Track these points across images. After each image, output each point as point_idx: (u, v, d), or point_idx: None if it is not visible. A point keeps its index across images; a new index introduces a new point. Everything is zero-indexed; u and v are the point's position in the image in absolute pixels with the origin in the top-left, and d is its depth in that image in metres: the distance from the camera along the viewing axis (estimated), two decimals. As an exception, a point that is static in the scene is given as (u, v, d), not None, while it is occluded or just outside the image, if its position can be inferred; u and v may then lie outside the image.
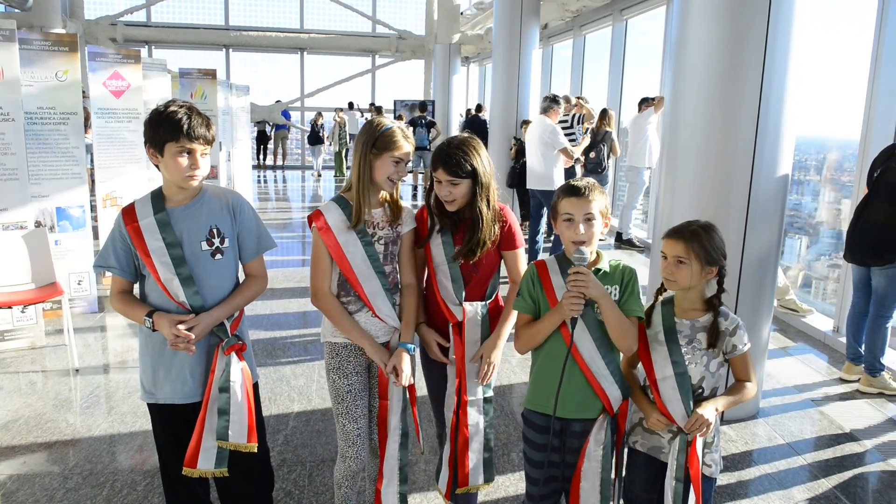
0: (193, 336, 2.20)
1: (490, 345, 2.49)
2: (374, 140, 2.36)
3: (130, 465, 3.38)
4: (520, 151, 8.97)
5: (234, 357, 2.31)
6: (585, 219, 2.15)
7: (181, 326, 2.19)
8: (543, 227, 7.59)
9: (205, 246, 2.28)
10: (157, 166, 2.27)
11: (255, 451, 2.35)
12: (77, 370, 4.55)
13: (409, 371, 2.42)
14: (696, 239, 2.15)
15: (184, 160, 2.20)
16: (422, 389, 2.74)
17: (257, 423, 2.38)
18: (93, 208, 6.63)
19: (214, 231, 2.30)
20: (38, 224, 5.37)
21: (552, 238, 8.74)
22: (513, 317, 2.47)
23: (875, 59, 5.15)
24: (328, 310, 2.44)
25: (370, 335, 2.44)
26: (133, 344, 5.10)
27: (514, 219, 2.53)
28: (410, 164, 15.11)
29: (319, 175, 17.71)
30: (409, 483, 3.21)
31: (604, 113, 8.88)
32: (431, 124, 14.99)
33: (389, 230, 2.47)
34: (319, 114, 18.06)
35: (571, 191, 2.19)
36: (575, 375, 2.19)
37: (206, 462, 2.29)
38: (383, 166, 2.37)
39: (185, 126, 2.17)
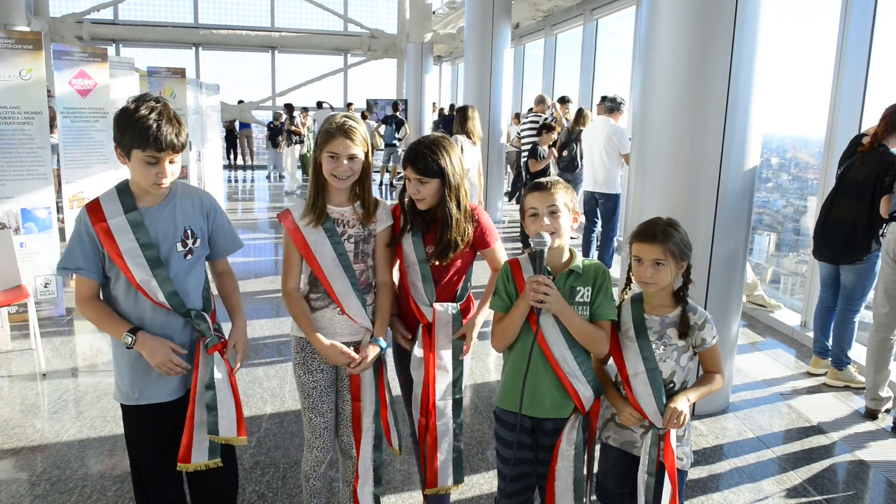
0: (186, 365, 2.21)
1: (469, 324, 2.52)
2: (319, 135, 2.35)
3: (100, 471, 3.33)
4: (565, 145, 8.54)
5: (217, 354, 2.29)
6: (549, 211, 2.16)
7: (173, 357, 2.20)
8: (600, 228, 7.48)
9: (179, 247, 2.24)
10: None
11: (246, 443, 2.38)
12: (44, 374, 4.46)
13: (369, 361, 2.42)
14: (670, 238, 2.17)
15: (151, 169, 2.11)
16: (396, 389, 2.74)
17: None
18: (59, 209, 6.52)
19: (188, 232, 2.26)
20: (2, 226, 5.26)
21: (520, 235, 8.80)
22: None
23: (839, 58, 5.24)
24: (296, 312, 2.44)
25: (329, 344, 2.41)
26: (102, 347, 5.02)
27: (486, 217, 2.53)
28: (380, 161, 15.27)
29: (283, 176, 17.09)
30: (385, 483, 3.22)
31: (580, 112, 8.92)
32: (400, 122, 15.34)
33: (360, 228, 2.44)
34: (278, 115, 17.26)
35: (535, 186, 2.22)
36: (547, 375, 2.21)
37: (199, 455, 2.29)
38: (324, 163, 2.33)
39: (153, 135, 2.06)
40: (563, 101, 9.45)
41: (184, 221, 2.26)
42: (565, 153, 8.68)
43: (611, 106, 7.13)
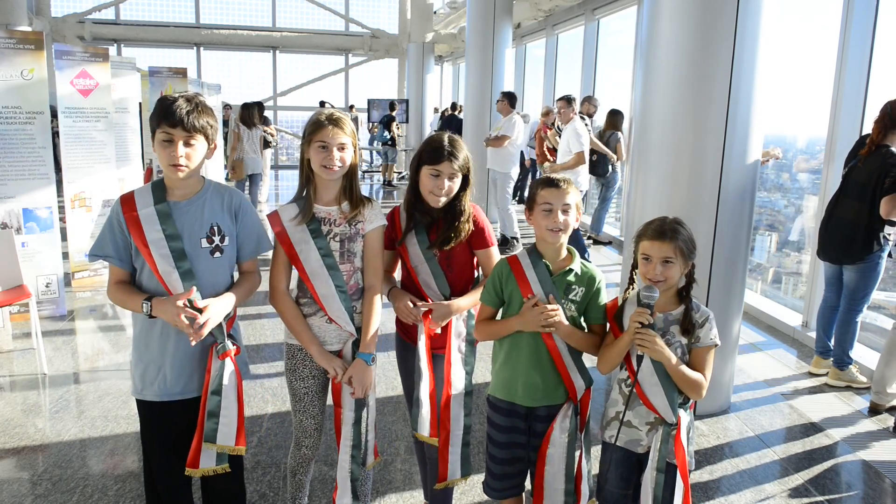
0: (200, 318, 2.13)
1: (447, 307, 2.47)
2: (305, 129, 2.34)
3: (101, 470, 3.33)
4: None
5: (227, 361, 2.28)
6: (563, 209, 2.23)
7: (181, 302, 2.12)
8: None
9: (205, 243, 2.24)
10: None
11: (244, 453, 2.35)
12: (46, 374, 4.47)
13: (366, 384, 2.38)
14: (679, 236, 2.19)
15: (167, 149, 2.12)
16: (396, 389, 2.73)
17: None
18: (60, 209, 6.52)
19: (215, 229, 2.26)
20: (3, 226, 5.27)
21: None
22: (477, 294, 2.50)
23: (841, 56, 5.23)
24: (282, 310, 2.43)
25: (318, 342, 2.41)
26: (103, 347, 5.02)
27: (483, 217, 2.54)
28: (378, 160, 15.21)
29: None
30: (386, 483, 3.22)
31: (613, 113, 8.91)
32: (390, 119, 15.55)
33: (346, 227, 2.40)
34: (228, 107, 13.88)
35: (548, 182, 2.27)
36: (543, 364, 2.30)
37: (207, 460, 2.28)
38: (314, 155, 2.31)
39: (168, 110, 2.09)
40: (589, 101, 9.32)
41: (211, 218, 2.26)
42: (594, 157, 8.56)
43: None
